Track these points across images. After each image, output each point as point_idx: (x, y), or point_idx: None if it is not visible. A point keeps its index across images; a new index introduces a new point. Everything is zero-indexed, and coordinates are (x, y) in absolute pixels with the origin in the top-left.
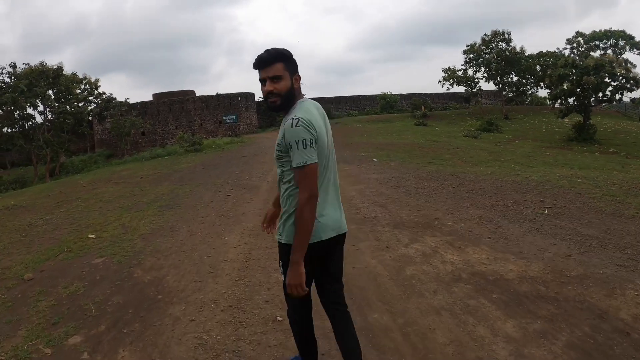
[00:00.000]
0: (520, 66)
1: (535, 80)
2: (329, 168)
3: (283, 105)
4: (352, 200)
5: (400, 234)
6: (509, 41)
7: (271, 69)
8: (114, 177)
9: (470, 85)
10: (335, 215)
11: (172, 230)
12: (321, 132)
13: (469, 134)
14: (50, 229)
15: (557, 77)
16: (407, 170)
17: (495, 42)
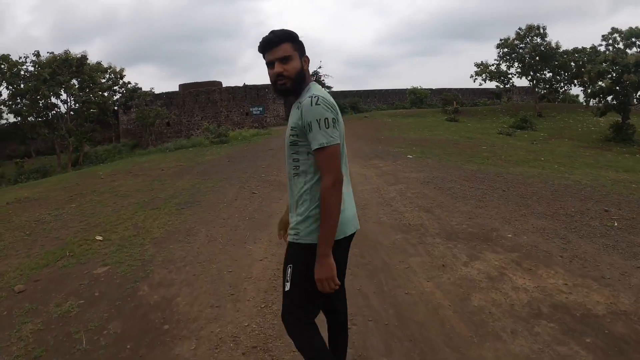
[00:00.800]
0: (555, 62)
1: (569, 77)
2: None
3: (294, 88)
4: (392, 202)
5: (455, 248)
6: (545, 36)
7: (279, 49)
8: (134, 168)
9: (503, 81)
10: (353, 208)
11: (188, 233)
12: (339, 117)
13: (503, 131)
14: (57, 227)
15: (597, 73)
16: (447, 169)
17: (530, 36)
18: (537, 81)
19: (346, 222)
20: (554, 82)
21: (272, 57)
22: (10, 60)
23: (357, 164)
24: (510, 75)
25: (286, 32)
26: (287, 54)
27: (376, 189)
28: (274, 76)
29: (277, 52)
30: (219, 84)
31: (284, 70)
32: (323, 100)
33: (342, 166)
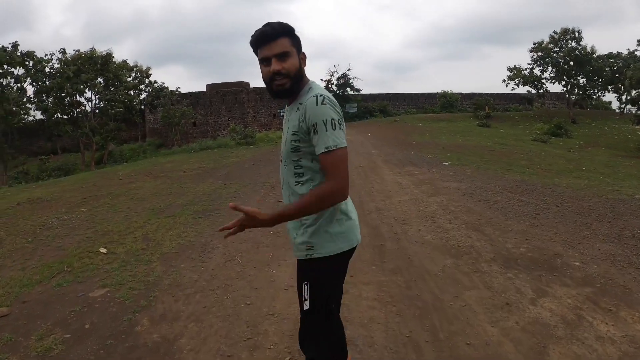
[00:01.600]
0: (591, 67)
1: (603, 83)
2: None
3: (293, 88)
4: (435, 217)
5: (517, 279)
6: (580, 40)
7: (276, 44)
8: (155, 169)
9: (536, 86)
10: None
11: (203, 250)
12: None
13: (538, 138)
14: (62, 234)
15: (638, 80)
16: (488, 179)
17: (564, 40)
18: (572, 87)
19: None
20: (588, 88)
21: (268, 53)
22: (35, 57)
23: (391, 171)
24: (544, 80)
25: (283, 24)
26: (285, 49)
27: (415, 200)
28: (270, 74)
29: (275, 48)
30: (246, 84)
31: (282, 68)
32: (329, 100)
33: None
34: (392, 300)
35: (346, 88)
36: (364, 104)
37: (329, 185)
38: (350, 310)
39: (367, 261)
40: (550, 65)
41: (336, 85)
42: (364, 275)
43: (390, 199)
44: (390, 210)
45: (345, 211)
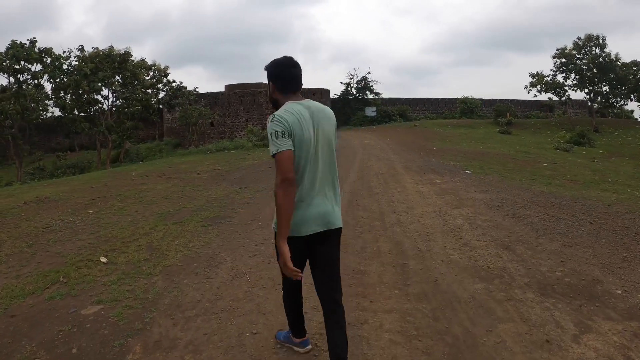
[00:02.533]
0: (615, 75)
1: (626, 91)
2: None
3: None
4: (461, 233)
5: (556, 310)
6: (604, 47)
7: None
8: (169, 170)
9: (558, 93)
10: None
11: (210, 263)
12: (296, 128)
13: (560, 147)
14: (64, 239)
15: None
16: (514, 190)
17: (588, 47)
18: (595, 94)
19: (302, 222)
20: (611, 96)
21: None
22: (52, 54)
23: (412, 179)
24: (567, 87)
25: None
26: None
27: (438, 212)
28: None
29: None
30: (264, 85)
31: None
32: (277, 117)
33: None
34: (417, 334)
35: (366, 92)
36: (383, 108)
37: (276, 181)
38: (370, 345)
39: (388, 284)
40: (574, 72)
41: (356, 89)
42: (386, 301)
43: (412, 210)
44: (412, 223)
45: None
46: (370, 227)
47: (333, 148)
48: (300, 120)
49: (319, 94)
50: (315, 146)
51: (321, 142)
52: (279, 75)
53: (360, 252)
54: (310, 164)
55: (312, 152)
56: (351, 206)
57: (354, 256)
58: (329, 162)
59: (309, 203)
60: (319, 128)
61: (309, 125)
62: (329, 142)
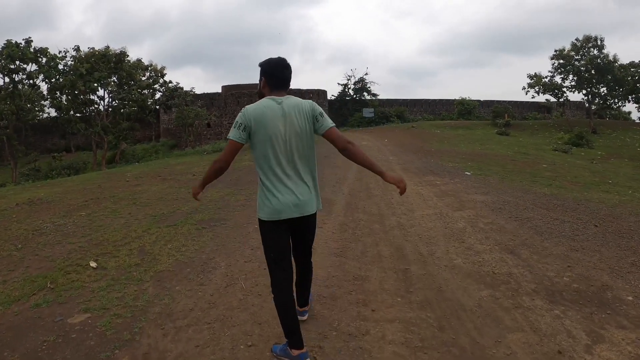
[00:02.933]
0: (610, 76)
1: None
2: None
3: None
4: (464, 236)
5: (566, 318)
6: (602, 48)
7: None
8: (164, 171)
9: (556, 95)
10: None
11: (203, 269)
12: (259, 120)
13: (559, 148)
14: (54, 242)
15: None
16: (515, 192)
17: (586, 48)
18: (593, 96)
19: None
20: (609, 98)
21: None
22: (48, 54)
23: (411, 180)
24: (565, 88)
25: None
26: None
27: (439, 215)
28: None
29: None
30: None
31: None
32: (243, 111)
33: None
34: (422, 346)
35: (363, 93)
36: (381, 109)
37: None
38: (373, 358)
39: (390, 291)
40: (572, 73)
41: (353, 90)
42: (388, 309)
43: (412, 212)
44: (413, 226)
45: (261, 195)
46: (370, 231)
47: (307, 139)
48: (264, 114)
49: (315, 95)
50: (287, 138)
51: (292, 135)
52: (272, 74)
53: (360, 257)
54: (283, 155)
55: (283, 144)
56: (350, 208)
57: (354, 261)
58: (302, 152)
59: (285, 190)
60: (290, 123)
61: (279, 120)
62: (300, 133)
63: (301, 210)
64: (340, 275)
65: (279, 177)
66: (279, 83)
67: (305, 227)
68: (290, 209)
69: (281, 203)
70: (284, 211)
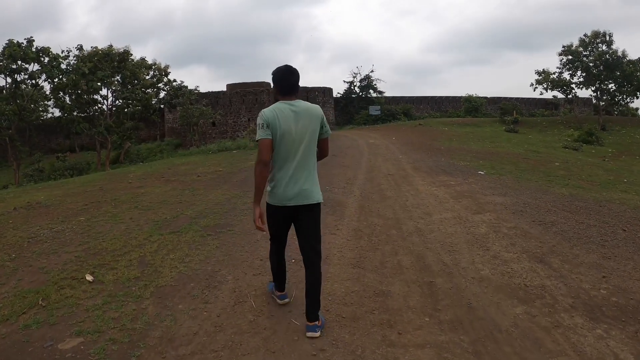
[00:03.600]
0: (623, 72)
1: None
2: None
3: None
4: (488, 243)
5: (610, 339)
6: (610, 43)
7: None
8: (168, 172)
9: (565, 91)
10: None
11: (208, 283)
12: (274, 122)
13: (569, 146)
14: (50, 251)
15: None
16: (533, 192)
17: (595, 43)
18: (602, 92)
19: (274, 196)
20: (617, 94)
21: None
22: (50, 53)
23: (424, 181)
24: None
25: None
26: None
27: (458, 219)
28: None
29: None
30: (267, 84)
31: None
32: (261, 113)
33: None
34: None
35: (369, 90)
36: (387, 107)
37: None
38: None
39: (416, 308)
40: (580, 69)
41: (359, 87)
42: (416, 332)
43: (430, 216)
44: (433, 231)
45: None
46: (387, 237)
47: (312, 139)
48: (278, 117)
49: (321, 93)
50: (295, 138)
51: (301, 135)
52: (279, 81)
53: (379, 268)
54: (292, 151)
55: (292, 142)
56: (364, 212)
57: (374, 273)
58: (308, 150)
59: (292, 182)
60: (300, 124)
61: (290, 121)
62: (308, 134)
63: (304, 199)
64: (360, 290)
65: (287, 170)
66: (287, 89)
67: (309, 216)
68: (295, 198)
69: (288, 192)
70: (289, 199)
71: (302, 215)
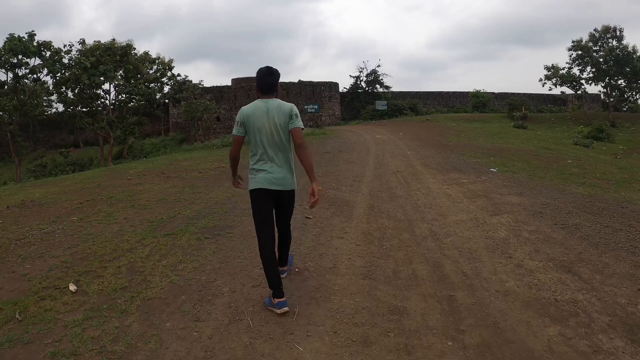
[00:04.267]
0: (634, 68)
1: None
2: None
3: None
4: (509, 249)
5: None
6: (621, 39)
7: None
8: (169, 168)
9: (574, 87)
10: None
11: (201, 296)
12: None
13: (579, 142)
14: (36, 255)
15: None
16: (550, 192)
17: (605, 39)
18: (612, 88)
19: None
20: (627, 90)
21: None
22: (52, 48)
23: (435, 178)
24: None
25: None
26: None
27: (475, 221)
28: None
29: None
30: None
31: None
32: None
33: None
34: None
35: (375, 85)
36: (394, 102)
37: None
38: None
39: (437, 329)
40: (590, 65)
41: (365, 82)
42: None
43: (444, 218)
44: (449, 235)
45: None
46: (400, 242)
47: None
48: (254, 113)
49: (327, 88)
50: (269, 131)
51: (274, 129)
52: (259, 81)
53: (392, 279)
54: (267, 143)
55: (268, 135)
56: (373, 212)
57: (386, 285)
58: (280, 142)
59: (269, 170)
60: (272, 120)
61: (264, 117)
62: (281, 128)
63: (278, 185)
64: (372, 306)
65: (262, 159)
66: (265, 88)
67: (283, 201)
68: (269, 183)
69: (263, 178)
70: (264, 184)
71: (279, 201)
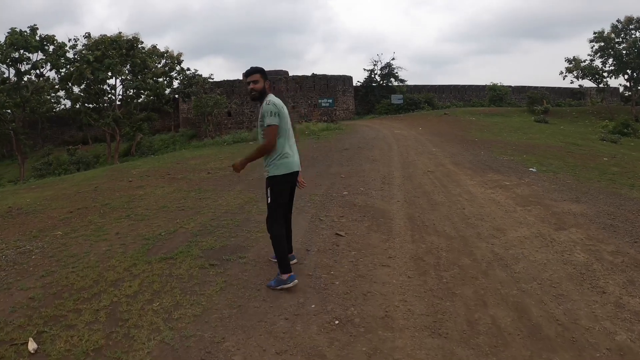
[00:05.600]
0: None
1: None
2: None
3: (258, 97)
4: (598, 280)
5: None
6: None
7: (252, 76)
8: (176, 168)
9: (596, 80)
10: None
11: None
12: (282, 111)
13: (606, 138)
14: (2, 285)
15: None
16: (606, 197)
17: (628, 30)
18: (635, 82)
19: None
20: None
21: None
22: (55, 42)
23: (472, 180)
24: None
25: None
26: (255, 79)
27: (541, 237)
28: (249, 90)
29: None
30: (285, 73)
31: (253, 87)
32: (274, 102)
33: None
34: None
35: (390, 78)
36: (409, 96)
37: (265, 142)
38: None
39: None
40: (612, 57)
41: (379, 76)
42: None
43: (503, 234)
44: (518, 260)
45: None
46: (462, 271)
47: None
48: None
49: (341, 81)
50: (288, 120)
51: (289, 118)
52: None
53: (470, 335)
54: (289, 132)
55: (289, 123)
56: (416, 226)
57: (464, 346)
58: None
59: (292, 154)
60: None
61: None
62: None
63: (298, 167)
64: None
65: (290, 145)
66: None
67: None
68: (297, 166)
69: (293, 162)
70: (295, 166)
71: (294, 182)
